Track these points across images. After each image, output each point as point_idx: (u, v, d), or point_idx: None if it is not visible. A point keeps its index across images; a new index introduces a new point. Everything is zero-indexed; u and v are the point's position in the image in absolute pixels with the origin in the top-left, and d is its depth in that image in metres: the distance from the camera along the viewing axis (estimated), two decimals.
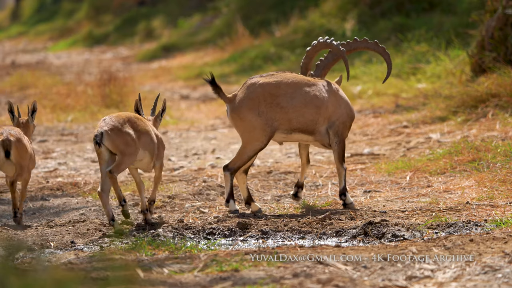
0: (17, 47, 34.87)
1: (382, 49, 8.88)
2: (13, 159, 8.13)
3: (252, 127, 8.39)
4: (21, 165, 8.17)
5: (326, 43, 8.96)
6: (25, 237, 7.75)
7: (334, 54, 8.95)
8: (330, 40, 8.92)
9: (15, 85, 20.06)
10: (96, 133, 7.80)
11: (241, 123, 8.42)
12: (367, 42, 8.94)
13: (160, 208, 8.85)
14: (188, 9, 31.96)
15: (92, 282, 5.85)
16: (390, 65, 8.90)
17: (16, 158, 8.14)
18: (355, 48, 8.97)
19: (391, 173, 10.03)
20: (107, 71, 17.22)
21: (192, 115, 16.31)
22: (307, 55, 9.01)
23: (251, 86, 8.46)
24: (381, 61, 17.45)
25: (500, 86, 12.53)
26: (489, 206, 8.29)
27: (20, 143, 8.15)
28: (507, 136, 11.00)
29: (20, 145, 8.16)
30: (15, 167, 8.17)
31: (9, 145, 8.11)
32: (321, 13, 22.39)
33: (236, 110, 8.43)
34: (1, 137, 8.13)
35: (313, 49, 8.98)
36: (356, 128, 13.38)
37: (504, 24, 13.58)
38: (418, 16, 20.09)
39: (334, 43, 8.89)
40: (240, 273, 6.12)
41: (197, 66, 23.29)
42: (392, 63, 9.01)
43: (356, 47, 8.97)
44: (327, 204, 8.78)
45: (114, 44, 31.98)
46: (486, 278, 5.96)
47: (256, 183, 9.85)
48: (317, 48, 8.97)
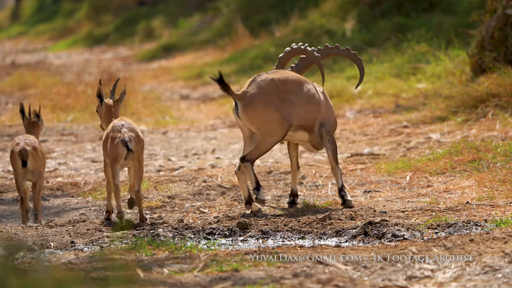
0: (17, 47, 34.87)
1: (354, 55, 8.92)
2: (30, 168, 8.29)
3: (270, 121, 8.43)
4: (39, 171, 8.35)
5: (300, 49, 8.98)
6: (25, 237, 7.75)
7: (306, 61, 8.98)
8: (304, 46, 8.95)
9: (15, 85, 20.07)
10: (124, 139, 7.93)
11: (258, 119, 8.43)
12: (338, 48, 8.97)
13: (160, 208, 8.86)
14: (188, 9, 31.96)
15: (92, 282, 5.85)
16: (362, 70, 8.96)
17: (33, 166, 8.31)
18: (327, 54, 9.00)
19: (391, 173, 10.03)
20: (107, 71, 17.23)
21: (192, 115, 16.31)
22: (280, 61, 9.02)
23: (262, 82, 8.48)
24: (381, 61, 17.45)
25: (500, 86, 12.53)
26: (489, 206, 8.29)
27: (36, 151, 8.33)
28: (507, 136, 11.00)
29: (36, 153, 8.33)
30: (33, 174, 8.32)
31: (26, 155, 8.26)
32: (321, 13, 22.38)
33: (250, 106, 8.43)
34: (18, 148, 8.28)
35: (287, 55, 9.00)
36: (356, 128, 13.38)
37: (504, 24, 13.58)
38: (418, 16, 20.09)
39: (309, 49, 8.93)
40: (240, 273, 6.12)
41: (197, 66, 23.29)
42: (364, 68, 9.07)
43: (328, 53, 8.99)
44: (327, 204, 8.78)
45: (114, 44, 31.98)
46: (486, 278, 5.96)
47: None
48: (291, 54, 8.99)
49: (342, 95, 15.69)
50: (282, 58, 9.02)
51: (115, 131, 8.01)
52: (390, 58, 17.47)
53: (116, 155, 7.96)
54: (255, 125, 8.45)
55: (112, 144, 7.98)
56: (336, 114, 14.79)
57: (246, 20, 25.09)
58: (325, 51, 8.98)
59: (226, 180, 9.88)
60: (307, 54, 8.94)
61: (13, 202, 9.58)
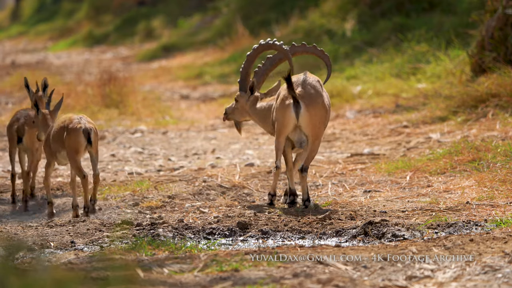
0: (17, 47, 34.87)
1: (321, 51, 8.92)
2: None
3: (321, 122, 8.50)
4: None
5: (268, 44, 8.98)
6: (25, 237, 7.75)
7: (273, 59, 8.98)
8: (272, 41, 8.95)
9: (15, 85, 20.06)
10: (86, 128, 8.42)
11: (316, 119, 8.43)
12: (305, 46, 8.97)
13: (160, 208, 8.86)
14: (188, 9, 31.96)
15: (92, 282, 5.85)
16: (330, 67, 8.97)
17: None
18: (294, 52, 8.99)
19: (391, 173, 10.03)
20: (107, 71, 17.23)
21: (192, 115, 16.31)
22: (248, 58, 9.01)
23: (314, 83, 8.52)
24: (381, 61, 17.44)
25: (500, 86, 12.53)
26: (489, 206, 8.30)
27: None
28: (507, 136, 11.00)
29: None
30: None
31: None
32: (321, 13, 22.39)
33: (313, 106, 8.42)
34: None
35: (255, 52, 8.99)
36: (356, 128, 13.38)
37: (504, 24, 13.58)
38: (418, 16, 20.09)
39: (277, 43, 8.92)
40: (240, 273, 6.12)
41: (197, 66, 23.30)
42: (331, 65, 9.08)
43: (295, 51, 8.99)
44: (327, 204, 8.78)
45: (114, 44, 31.98)
46: (486, 278, 5.96)
47: (256, 183, 9.85)
48: (259, 51, 8.98)
49: (342, 95, 15.69)
50: (249, 56, 9.00)
51: (74, 122, 8.36)
52: (390, 58, 17.48)
53: (77, 145, 8.31)
54: (311, 125, 8.42)
55: (72, 134, 8.20)
56: (336, 114, 14.84)
57: (246, 20, 25.09)
58: (292, 50, 8.97)
59: (226, 180, 9.88)
60: (276, 48, 8.92)
61: (13, 202, 9.59)
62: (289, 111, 8.42)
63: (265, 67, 9.03)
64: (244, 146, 12.77)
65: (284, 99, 8.46)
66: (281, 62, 9.06)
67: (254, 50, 8.98)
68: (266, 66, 9.03)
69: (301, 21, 22.80)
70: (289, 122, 8.43)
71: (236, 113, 9.17)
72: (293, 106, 8.43)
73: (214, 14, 29.52)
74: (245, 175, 10.26)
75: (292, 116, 8.42)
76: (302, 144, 8.53)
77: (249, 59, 9.01)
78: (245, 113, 9.13)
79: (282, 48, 8.90)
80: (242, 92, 9.11)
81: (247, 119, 9.18)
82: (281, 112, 8.46)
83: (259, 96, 9.08)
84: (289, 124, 8.44)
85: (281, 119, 8.46)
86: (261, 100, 9.06)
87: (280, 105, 8.48)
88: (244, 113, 9.13)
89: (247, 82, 9.10)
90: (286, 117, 8.44)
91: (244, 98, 9.10)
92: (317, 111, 8.44)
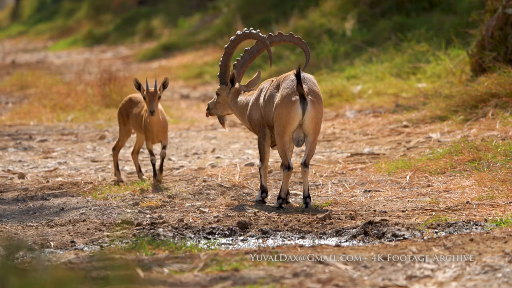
0: (17, 47, 34.87)
1: (298, 39, 8.90)
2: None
3: (321, 119, 8.50)
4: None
5: (245, 34, 8.95)
6: (25, 236, 7.75)
7: (251, 51, 8.96)
8: (249, 30, 8.92)
9: (15, 84, 20.06)
10: None
11: (319, 116, 8.44)
12: (282, 35, 8.95)
13: (160, 208, 8.86)
14: (188, 8, 31.96)
15: (92, 281, 5.85)
16: (308, 53, 8.91)
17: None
18: (272, 42, 8.96)
19: (391, 172, 10.03)
20: (107, 71, 17.22)
21: (192, 115, 16.31)
22: (227, 51, 8.98)
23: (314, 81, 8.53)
24: (382, 61, 17.44)
25: (500, 86, 12.53)
26: (489, 205, 8.30)
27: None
28: (507, 135, 11.00)
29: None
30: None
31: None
32: (321, 12, 22.38)
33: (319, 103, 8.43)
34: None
35: (232, 43, 8.96)
36: (356, 128, 13.38)
37: (504, 24, 13.58)
38: (418, 15, 20.09)
39: (254, 32, 8.90)
40: (240, 272, 6.12)
41: (197, 65, 23.30)
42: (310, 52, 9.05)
43: (272, 41, 8.96)
44: (327, 204, 8.78)
45: (114, 44, 31.98)
46: (486, 277, 5.96)
47: (256, 183, 9.85)
48: (236, 42, 8.94)
49: (342, 94, 15.69)
50: (227, 48, 8.97)
51: None
52: (390, 57, 17.48)
53: None
54: (314, 122, 8.40)
55: None
56: (336, 113, 14.85)
57: (246, 20, 25.09)
58: (269, 39, 8.95)
59: (226, 179, 9.88)
60: (254, 37, 8.89)
61: (13, 202, 9.59)
62: (295, 108, 8.35)
63: (244, 59, 9.01)
64: (244, 145, 12.77)
65: (288, 96, 8.40)
66: (259, 53, 9.03)
67: (232, 42, 8.95)
68: (245, 58, 9.00)
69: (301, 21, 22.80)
70: (295, 119, 8.36)
71: (219, 107, 9.14)
72: (300, 103, 8.41)
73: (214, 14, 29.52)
74: (245, 174, 10.26)
75: (298, 113, 8.36)
76: (299, 142, 8.48)
77: (227, 51, 8.99)
78: (227, 106, 9.09)
79: (260, 36, 8.87)
80: (223, 85, 9.09)
81: (229, 112, 9.14)
82: (286, 109, 8.37)
83: (240, 89, 9.04)
84: (294, 121, 8.36)
85: (285, 116, 8.37)
86: (243, 93, 9.03)
87: (284, 102, 8.39)
88: (226, 106, 9.10)
89: (227, 75, 9.07)
90: (292, 114, 8.36)
91: (225, 91, 9.08)
92: (320, 108, 8.45)
